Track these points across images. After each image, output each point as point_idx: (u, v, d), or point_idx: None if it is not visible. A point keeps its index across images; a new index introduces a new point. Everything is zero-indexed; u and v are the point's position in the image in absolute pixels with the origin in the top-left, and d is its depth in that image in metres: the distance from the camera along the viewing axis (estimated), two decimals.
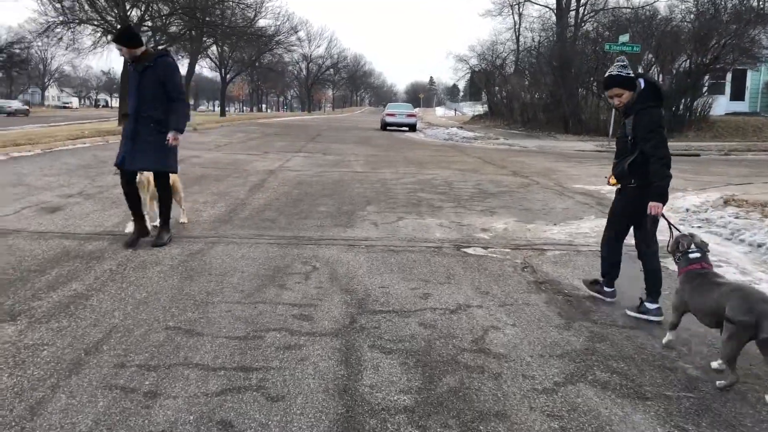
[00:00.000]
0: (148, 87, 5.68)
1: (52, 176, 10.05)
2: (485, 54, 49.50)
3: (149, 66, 5.68)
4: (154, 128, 5.69)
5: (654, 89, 4.34)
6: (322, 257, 5.65)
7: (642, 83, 4.34)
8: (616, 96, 4.38)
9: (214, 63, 52.61)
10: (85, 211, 7.35)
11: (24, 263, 5.08)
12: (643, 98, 4.28)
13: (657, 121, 4.21)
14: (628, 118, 4.37)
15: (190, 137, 21.57)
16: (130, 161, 5.74)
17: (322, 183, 10.54)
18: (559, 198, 9.75)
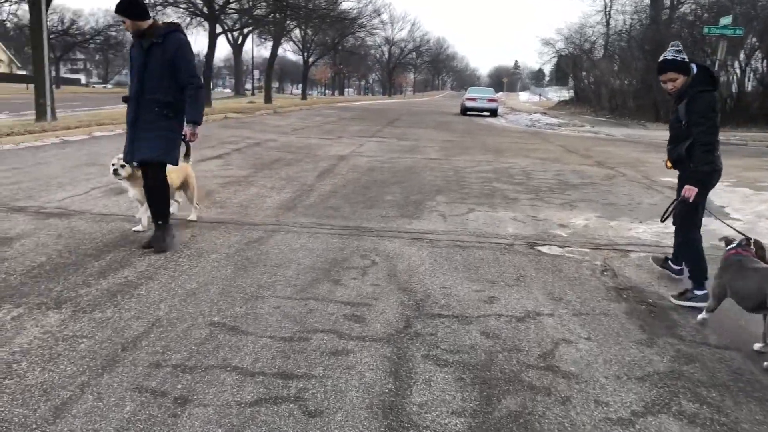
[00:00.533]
0: (154, 67, 4.85)
1: None
2: (573, 37, 47.67)
3: (157, 43, 4.85)
4: (158, 112, 4.90)
5: (708, 74, 4.36)
6: (383, 251, 5.33)
7: (695, 68, 4.34)
8: (671, 81, 4.37)
9: (297, 46, 53.09)
10: None
11: (82, 247, 5.02)
12: (697, 83, 4.28)
13: (711, 107, 4.24)
14: (681, 103, 4.37)
15: (269, 120, 21.77)
16: (131, 153, 5.02)
17: (392, 170, 10.22)
18: (647, 192, 9.05)
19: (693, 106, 4.25)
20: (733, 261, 3.82)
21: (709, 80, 4.33)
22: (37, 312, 3.66)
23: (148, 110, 4.90)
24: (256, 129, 17.41)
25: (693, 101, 4.25)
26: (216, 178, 8.52)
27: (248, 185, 8.14)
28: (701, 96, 4.23)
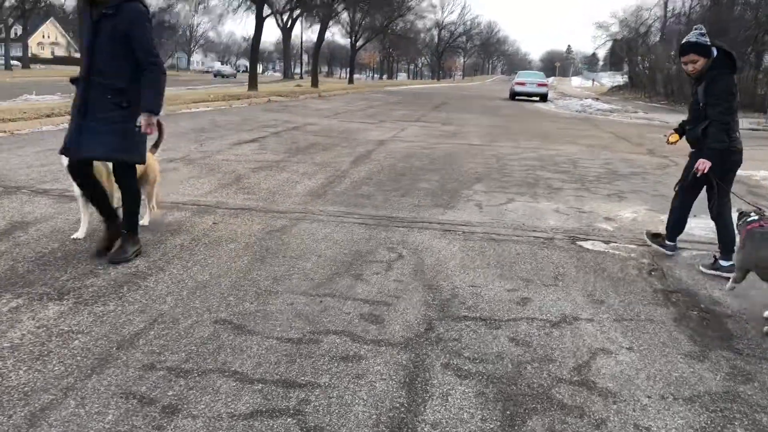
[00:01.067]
0: (104, 43, 3.97)
1: None
2: (628, 21, 46.06)
3: (107, 14, 3.94)
4: (111, 100, 4.00)
5: (728, 57, 4.44)
6: (411, 243, 5.00)
7: (715, 51, 4.43)
8: (692, 62, 4.48)
9: (345, 30, 52.81)
10: (180, 177, 7.15)
11: (98, 233, 4.83)
12: (717, 66, 4.40)
13: (728, 88, 4.36)
14: (701, 85, 4.48)
15: (312, 104, 21.58)
16: (76, 146, 4.05)
17: (431, 156, 9.84)
18: None
19: (712, 88, 4.38)
20: (756, 233, 3.90)
21: (729, 64, 4.45)
22: (37, 303, 3.47)
23: (100, 97, 4.01)
24: (297, 113, 17.22)
25: (712, 83, 4.37)
26: (248, 163, 8.31)
27: (280, 170, 7.90)
28: (720, 78, 4.36)
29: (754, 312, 3.88)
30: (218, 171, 7.62)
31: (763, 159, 11.34)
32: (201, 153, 8.92)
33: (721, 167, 4.50)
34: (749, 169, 9.82)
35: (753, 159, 11.16)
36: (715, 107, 4.36)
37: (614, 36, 50.77)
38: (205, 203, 5.95)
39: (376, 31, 53.43)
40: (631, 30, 45.32)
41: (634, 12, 46.79)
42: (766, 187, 8.34)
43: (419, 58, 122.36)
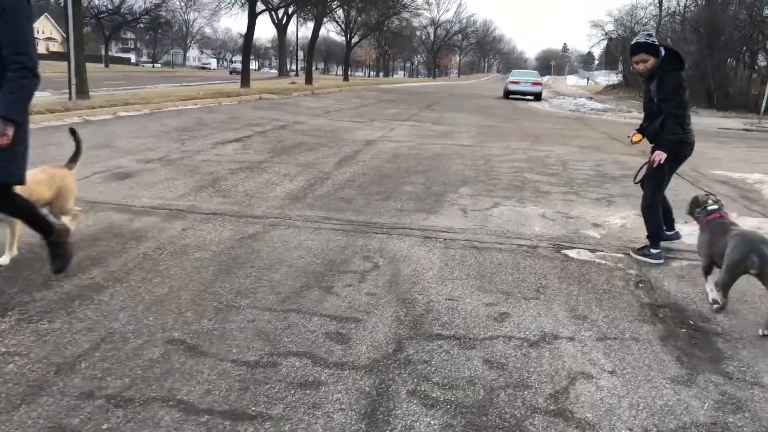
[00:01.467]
0: None
1: (143, 138, 9.81)
2: (623, 19, 45.90)
3: None
4: None
5: (675, 55, 4.79)
6: (389, 252, 4.77)
7: (663, 51, 4.77)
8: (642, 62, 4.81)
9: (340, 27, 52.52)
10: (156, 179, 6.89)
11: None
12: (666, 64, 4.72)
13: (678, 84, 4.67)
14: (652, 83, 4.81)
15: (304, 102, 21.32)
16: None
17: (419, 157, 9.61)
18: (694, 187, 8.25)
19: (662, 84, 4.71)
20: (715, 224, 4.12)
21: (677, 61, 4.77)
22: None
23: None
24: (287, 111, 16.96)
25: (662, 80, 4.70)
26: (229, 163, 8.06)
27: (261, 171, 7.66)
28: (669, 75, 4.68)
29: (746, 330, 3.67)
30: (196, 172, 7.37)
31: (757, 161, 11.14)
32: (181, 153, 8.67)
33: (675, 158, 4.88)
34: (743, 171, 9.62)
35: (746, 161, 10.99)
36: (668, 102, 4.68)
37: (610, 35, 50.58)
38: (177, 207, 5.71)
39: (371, 28, 53.13)
40: (626, 29, 45.15)
41: (629, 11, 46.65)
42: (759, 191, 8.13)
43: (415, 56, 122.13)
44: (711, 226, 4.15)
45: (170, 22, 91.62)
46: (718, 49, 26.69)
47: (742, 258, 3.66)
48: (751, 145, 14.23)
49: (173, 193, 6.30)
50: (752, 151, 12.85)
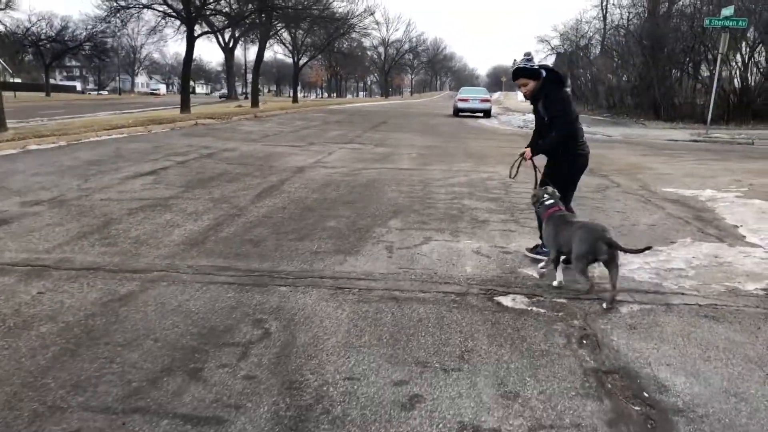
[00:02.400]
0: None
1: (44, 175, 8.80)
2: (568, 33, 46.31)
3: None
4: None
5: (556, 76, 5.05)
6: (288, 311, 3.96)
7: (545, 72, 5.00)
8: (523, 85, 5.07)
9: (287, 48, 51.76)
10: (35, 225, 5.95)
11: None
12: (547, 83, 4.95)
13: (562, 100, 4.93)
14: (539, 102, 5.04)
15: (243, 126, 20.45)
16: None
17: (351, 185, 8.84)
18: (644, 208, 7.67)
19: (548, 103, 4.94)
20: (556, 217, 4.56)
21: (558, 80, 5.03)
22: None
23: None
24: (221, 137, 16.05)
25: (547, 99, 4.94)
26: (131, 202, 7.15)
27: (164, 210, 6.78)
28: (552, 93, 4.92)
29: (712, 401, 2.96)
30: (87, 215, 6.45)
31: (707, 175, 10.71)
32: (80, 191, 7.72)
33: (569, 170, 5.13)
34: (694, 187, 9.12)
35: (696, 176, 10.53)
36: (558, 118, 4.88)
37: (556, 49, 50.98)
38: (43, 263, 4.79)
39: (318, 49, 52.53)
40: (572, 43, 45.56)
41: (573, 25, 47.10)
42: (712, 211, 7.58)
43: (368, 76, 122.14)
44: (553, 219, 4.60)
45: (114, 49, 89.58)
46: (662, 61, 26.79)
47: (590, 248, 4.11)
48: (699, 157, 13.90)
49: (48, 243, 5.37)
50: (701, 164, 12.48)
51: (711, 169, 11.51)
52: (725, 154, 14.81)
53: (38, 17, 74.20)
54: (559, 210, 4.66)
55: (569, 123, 4.92)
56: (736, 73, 24.21)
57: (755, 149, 16.91)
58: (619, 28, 34.34)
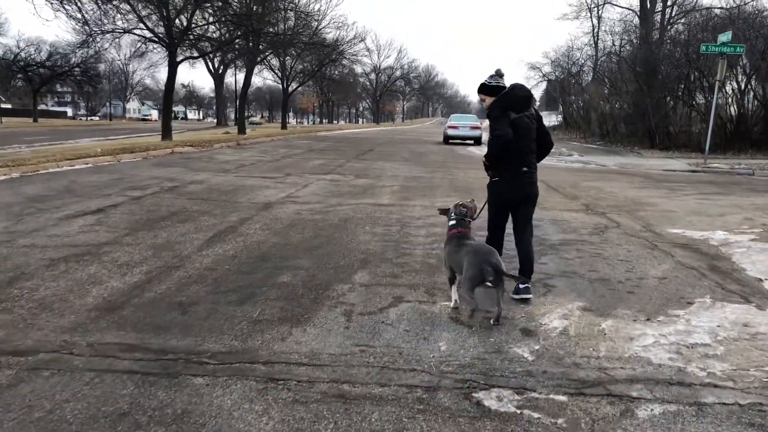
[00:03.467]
0: None
1: None
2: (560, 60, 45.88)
3: None
4: None
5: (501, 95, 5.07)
6: (194, 421, 2.94)
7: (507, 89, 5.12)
8: (482, 101, 5.28)
9: (276, 74, 51.13)
10: None
11: None
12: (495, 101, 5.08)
13: (493, 118, 5.01)
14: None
15: (221, 155, 19.51)
16: None
17: (320, 225, 7.86)
18: (651, 255, 6.72)
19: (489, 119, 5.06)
20: (453, 238, 4.82)
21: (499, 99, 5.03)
22: None
23: None
24: (193, 167, 15.09)
25: (488, 116, 5.08)
26: (58, 249, 6.15)
27: (92, 260, 5.77)
28: (491, 111, 5.04)
29: None
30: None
31: (715, 212, 9.78)
32: (5, 235, 6.71)
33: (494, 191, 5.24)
34: (702, 228, 8.18)
35: (703, 213, 9.59)
36: (491, 132, 4.99)
37: (548, 76, 50.61)
38: None
39: (308, 75, 51.94)
40: (563, 70, 45.10)
41: (565, 52, 46.71)
42: (729, 258, 6.64)
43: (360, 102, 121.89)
44: (452, 240, 4.82)
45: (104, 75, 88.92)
46: (657, 88, 26.13)
47: (477, 272, 4.25)
48: (702, 191, 13.00)
49: None
50: (705, 199, 11.58)
51: (717, 206, 10.60)
52: (728, 186, 13.94)
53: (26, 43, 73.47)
54: (459, 232, 4.82)
55: (495, 136, 4.90)
56: (732, 100, 23.52)
57: (758, 181, 16.06)
58: (612, 54, 33.81)
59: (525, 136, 5.01)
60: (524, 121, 5.00)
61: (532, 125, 5.06)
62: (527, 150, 5.07)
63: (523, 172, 5.06)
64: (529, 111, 5.07)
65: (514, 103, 5.02)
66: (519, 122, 4.96)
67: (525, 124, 5.00)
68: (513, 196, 5.16)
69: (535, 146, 5.13)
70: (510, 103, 5.01)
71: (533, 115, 5.12)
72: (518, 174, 5.05)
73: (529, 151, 5.08)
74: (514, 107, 5.00)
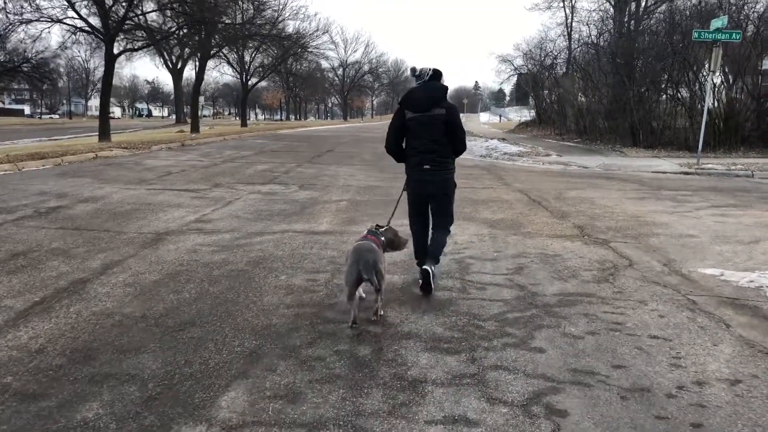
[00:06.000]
0: None
1: None
2: (532, 53, 43.90)
3: None
4: None
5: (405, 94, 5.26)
6: None
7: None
8: None
9: (234, 68, 48.39)
10: None
11: None
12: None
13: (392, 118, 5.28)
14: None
15: (152, 160, 17.00)
16: None
17: (213, 276, 5.51)
18: (695, 324, 4.50)
19: None
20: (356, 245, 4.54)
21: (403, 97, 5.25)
22: None
23: None
24: (106, 177, 12.58)
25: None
26: None
27: None
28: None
29: None
30: None
31: (743, 236, 7.59)
32: None
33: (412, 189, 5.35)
34: (742, 264, 6.00)
35: (729, 237, 7.18)
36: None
37: (519, 69, 48.63)
38: None
39: (267, 69, 49.29)
40: (536, 62, 43.13)
41: (537, 44, 44.73)
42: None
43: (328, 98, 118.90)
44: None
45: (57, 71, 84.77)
46: (639, 80, 24.15)
47: (352, 271, 4.25)
48: (712, 202, 10.89)
49: None
50: (723, 216, 9.43)
51: (742, 225, 8.46)
52: (740, 196, 11.82)
53: None
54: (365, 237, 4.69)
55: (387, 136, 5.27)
56: (721, 94, 21.62)
57: (759, 186, 14.08)
58: (589, 45, 31.82)
59: (420, 136, 5.10)
60: (422, 120, 5.06)
61: (434, 126, 5.05)
62: (423, 149, 5.10)
63: (423, 170, 5.13)
64: (431, 111, 5.04)
65: (409, 102, 5.15)
66: (416, 120, 5.08)
67: (421, 123, 5.06)
68: (416, 192, 5.30)
69: (439, 146, 5.10)
70: (407, 102, 5.17)
71: (440, 115, 5.05)
72: (416, 172, 5.18)
73: (426, 150, 5.10)
74: (410, 106, 5.12)
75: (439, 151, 5.11)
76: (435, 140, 5.07)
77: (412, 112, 5.07)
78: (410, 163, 5.21)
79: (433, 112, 5.03)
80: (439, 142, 5.09)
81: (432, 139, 5.07)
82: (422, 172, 5.12)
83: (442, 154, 5.12)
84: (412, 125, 5.08)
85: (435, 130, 5.06)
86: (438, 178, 5.16)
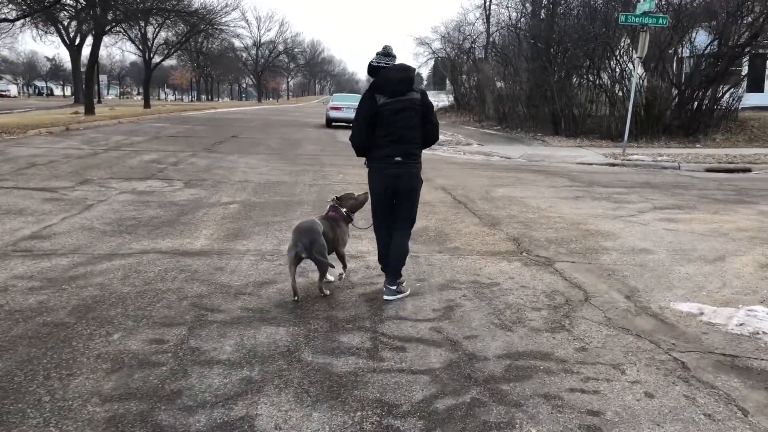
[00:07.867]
0: None
1: None
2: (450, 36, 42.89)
3: None
4: None
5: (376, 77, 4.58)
6: None
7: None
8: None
9: (136, 45, 45.00)
10: None
11: None
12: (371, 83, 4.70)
13: (359, 103, 4.64)
14: None
15: (25, 144, 14.61)
16: None
17: (11, 335, 3.78)
18: (686, 398, 3.18)
19: None
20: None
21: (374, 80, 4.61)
22: None
23: None
24: None
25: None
26: None
27: None
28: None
29: None
30: None
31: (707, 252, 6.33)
32: None
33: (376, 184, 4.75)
34: (719, 295, 4.76)
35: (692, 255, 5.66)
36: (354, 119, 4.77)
37: (438, 53, 47.59)
38: None
39: (172, 47, 46.13)
40: (455, 46, 42.13)
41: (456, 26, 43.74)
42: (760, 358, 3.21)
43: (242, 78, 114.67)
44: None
45: None
46: (560, 66, 23.37)
47: (290, 250, 4.47)
48: (653, 203, 9.86)
49: None
50: (671, 222, 8.34)
51: (697, 234, 7.37)
52: (678, 193, 10.88)
53: None
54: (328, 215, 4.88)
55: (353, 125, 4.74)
56: (643, 82, 21.06)
57: (698, 180, 13.36)
58: (509, 27, 30.94)
59: (393, 124, 4.50)
60: (396, 107, 4.48)
61: (409, 112, 4.51)
62: (396, 138, 4.52)
63: (394, 163, 4.57)
64: (408, 96, 4.50)
65: (384, 85, 4.53)
66: (389, 107, 4.48)
67: (395, 110, 4.48)
68: (383, 188, 4.69)
69: (413, 135, 4.57)
70: (380, 86, 4.54)
71: (416, 100, 4.53)
72: (385, 165, 4.60)
73: (399, 140, 4.52)
74: (383, 90, 4.52)
75: (412, 141, 4.58)
76: (410, 128, 4.53)
77: (386, 98, 4.48)
78: (377, 156, 4.61)
79: (410, 96, 4.51)
80: (413, 131, 4.56)
81: (408, 127, 4.52)
82: (392, 166, 4.56)
83: (415, 144, 4.60)
84: (385, 112, 4.47)
85: (411, 117, 4.52)
86: (409, 171, 4.61)
